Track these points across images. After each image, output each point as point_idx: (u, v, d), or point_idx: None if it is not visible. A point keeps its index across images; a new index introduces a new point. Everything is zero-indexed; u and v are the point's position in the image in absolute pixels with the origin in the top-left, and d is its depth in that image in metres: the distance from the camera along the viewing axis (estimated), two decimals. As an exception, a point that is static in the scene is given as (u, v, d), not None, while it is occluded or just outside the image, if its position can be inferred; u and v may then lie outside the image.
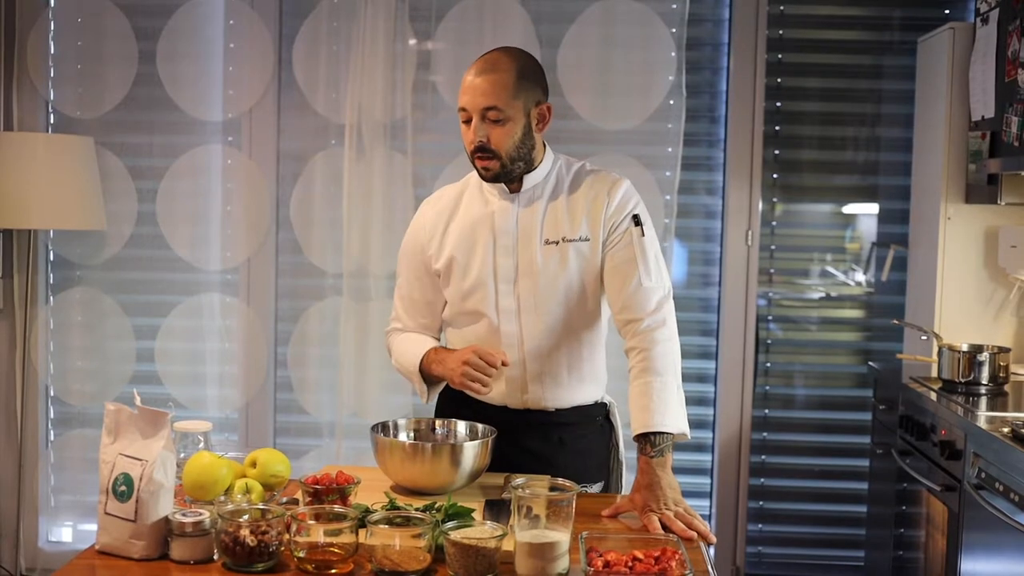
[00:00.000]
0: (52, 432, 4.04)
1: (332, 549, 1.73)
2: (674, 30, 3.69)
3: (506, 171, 2.21)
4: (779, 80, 3.85)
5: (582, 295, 2.26)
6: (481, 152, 2.18)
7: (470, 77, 2.18)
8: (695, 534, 1.92)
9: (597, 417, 2.40)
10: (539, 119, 2.23)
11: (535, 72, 2.23)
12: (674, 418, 2.09)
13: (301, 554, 1.72)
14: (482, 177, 2.24)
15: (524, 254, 2.24)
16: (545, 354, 2.27)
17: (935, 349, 3.13)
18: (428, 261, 2.34)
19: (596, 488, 2.34)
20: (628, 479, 2.51)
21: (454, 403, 2.36)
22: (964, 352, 2.99)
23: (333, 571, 1.71)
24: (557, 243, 2.23)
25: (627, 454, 2.49)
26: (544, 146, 2.29)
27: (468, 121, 2.19)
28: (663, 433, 2.06)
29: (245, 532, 1.70)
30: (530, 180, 2.26)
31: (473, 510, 1.88)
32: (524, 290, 2.24)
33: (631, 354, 2.20)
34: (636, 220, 2.24)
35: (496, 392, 2.26)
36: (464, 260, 2.28)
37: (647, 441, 2.06)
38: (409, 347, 2.36)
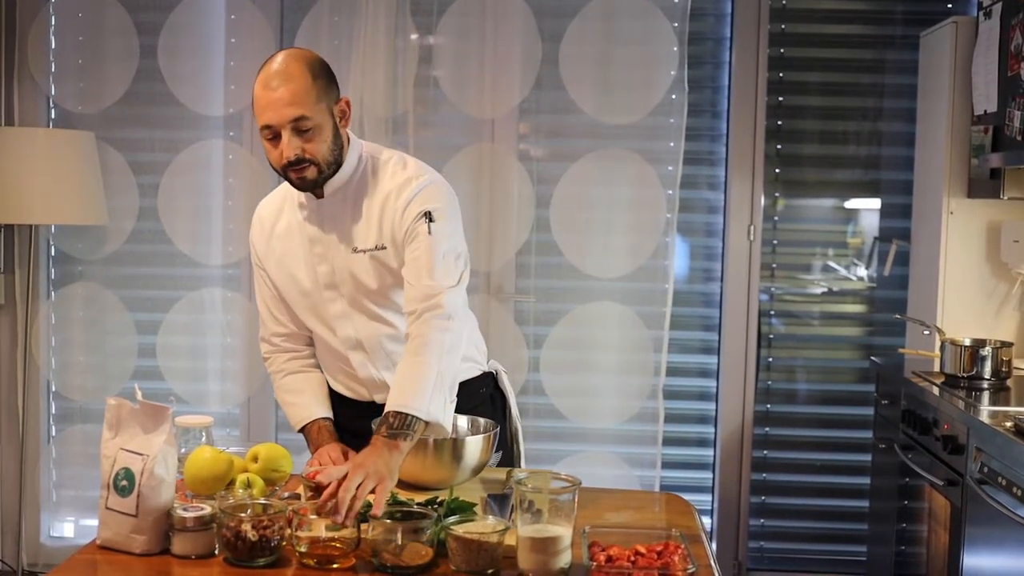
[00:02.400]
0: (54, 428, 4.04)
1: (334, 544, 1.72)
2: (676, 24, 3.68)
3: (323, 176, 2.13)
4: (781, 75, 3.84)
5: (402, 292, 2.20)
6: (296, 165, 2.08)
7: (266, 92, 2.05)
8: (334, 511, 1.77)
9: (481, 389, 2.41)
10: (341, 116, 2.15)
11: (325, 70, 2.13)
12: (422, 402, 1.99)
13: (303, 548, 1.72)
14: (299, 188, 2.16)
15: (338, 260, 2.20)
16: (390, 349, 2.25)
17: (937, 344, 3.13)
18: (263, 265, 2.33)
19: (494, 459, 2.33)
20: (525, 447, 2.55)
21: (333, 397, 2.37)
22: (966, 347, 2.98)
23: (335, 566, 1.71)
24: (365, 252, 2.18)
25: (522, 421, 2.54)
26: (348, 139, 2.20)
27: (274, 138, 2.07)
28: (407, 415, 1.97)
29: (247, 527, 1.70)
30: (332, 184, 2.17)
31: (475, 505, 1.88)
32: (347, 294, 2.22)
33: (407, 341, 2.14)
34: (428, 216, 2.15)
35: (367, 394, 2.29)
36: (288, 269, 2.27)
37: (387, 420, 1.97)
38: (292, 399, 2.35)
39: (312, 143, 2.08)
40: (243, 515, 1.72)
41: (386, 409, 2.00)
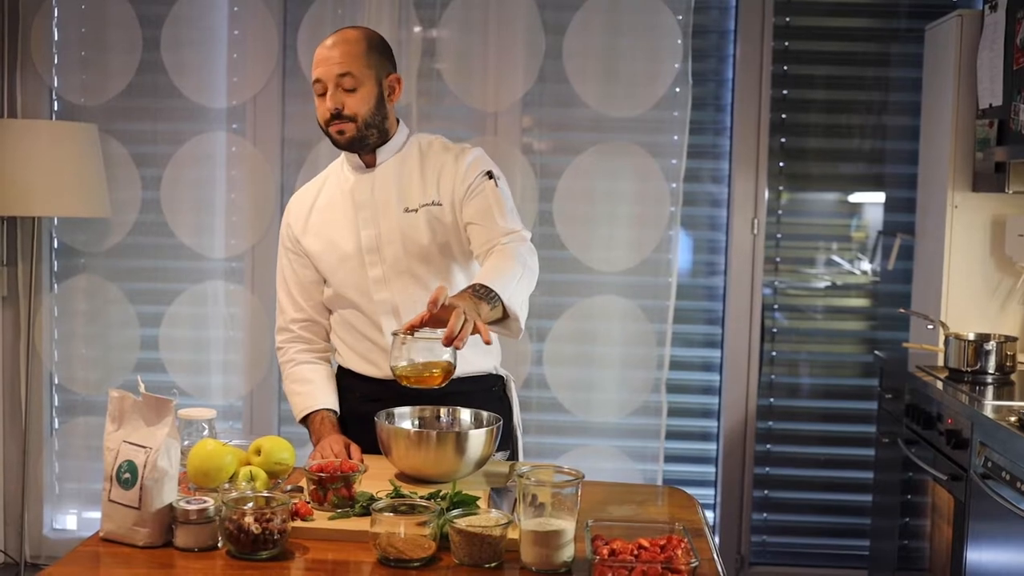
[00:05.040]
0: (56, 420, 4.05)
1: (433, 370, 1.89)
2: (680, 17, 3.67)
3: (360, 136, 2.25)
4: (785, 68, 3.83)
5: (450, 258, 2.30)
6: (337, 119, 2.22)
7: (322, 49, 2.24)
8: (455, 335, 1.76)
9: (494, 387, 2.43)
10: (390, 90, 2.29)
11: (383, 46, 2.30)
12: (506, 287, 1.99)
13: (404, 372, 1.89)
14: (336, 143, 2.27)
15: (385, 223, 2.28)
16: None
17: (941, 338, 3.12)
18: (299, 241, 2.38)
19: (501, 456, 2.35)
20: (528, 441, 2.59)
21: (346, 381, 2.40)
22: (971, 341, 2.98)
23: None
24: (416, 210, 2.27)
25: (525, 415, 2.56)
26: (397, 121, 2.35)
27: (323, 94, 2.24)
28: (491, 289, 1.96)
29: (249, 520, 1.70)
30: (384, 153, 2.31)
31: (478, 498, 1.87)
32: (390, 257, 2.28)
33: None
34: (489, 175, 2.28)
35: (386, 366, 2.26)
36: (329, 236, 2.33)
37: (472, 287, 1.96)
38: (299, 388, 2.37)
39: (353, 100, 2.21)
40: (246, 508, 1.72)
41: (478, 281, 1.99)
